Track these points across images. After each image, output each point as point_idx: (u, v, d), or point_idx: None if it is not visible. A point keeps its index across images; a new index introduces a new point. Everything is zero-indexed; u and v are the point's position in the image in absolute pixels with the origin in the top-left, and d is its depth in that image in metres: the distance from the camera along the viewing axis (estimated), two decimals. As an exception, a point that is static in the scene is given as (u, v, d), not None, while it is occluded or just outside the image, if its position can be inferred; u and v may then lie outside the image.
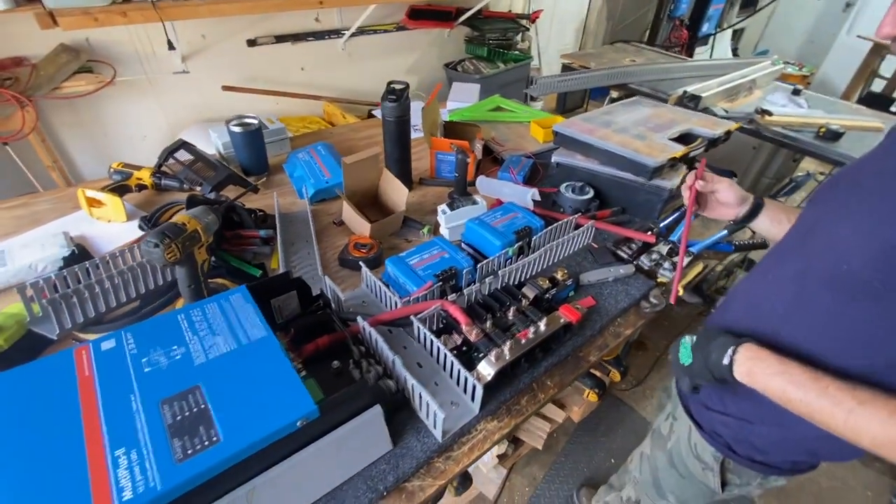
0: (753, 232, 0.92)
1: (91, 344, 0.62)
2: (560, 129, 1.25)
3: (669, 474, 0.92)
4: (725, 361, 0.62)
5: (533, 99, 2.87)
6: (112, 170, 1.20)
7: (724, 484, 0.83)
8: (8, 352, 0.76)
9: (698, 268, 1.04)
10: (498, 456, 1.38)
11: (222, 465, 0.51)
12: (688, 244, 1.07)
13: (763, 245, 1.12)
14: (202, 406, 0.55)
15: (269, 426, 0.54)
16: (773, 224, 0.84)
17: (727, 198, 0.85)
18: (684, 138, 1.20)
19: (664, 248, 1.04)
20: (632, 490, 1.05)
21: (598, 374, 1.10)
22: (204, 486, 0.51)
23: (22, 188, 1.84)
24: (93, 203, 1.11)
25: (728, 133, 1.23)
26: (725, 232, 1.13)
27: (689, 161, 1.16)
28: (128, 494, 0.47)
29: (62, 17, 1.47)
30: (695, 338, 0.70)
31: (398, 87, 1.17)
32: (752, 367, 0.60)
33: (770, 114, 1.80)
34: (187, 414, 0.54)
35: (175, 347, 0.62)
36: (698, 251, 1.06)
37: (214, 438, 0.52)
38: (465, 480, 0.88)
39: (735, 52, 4.38)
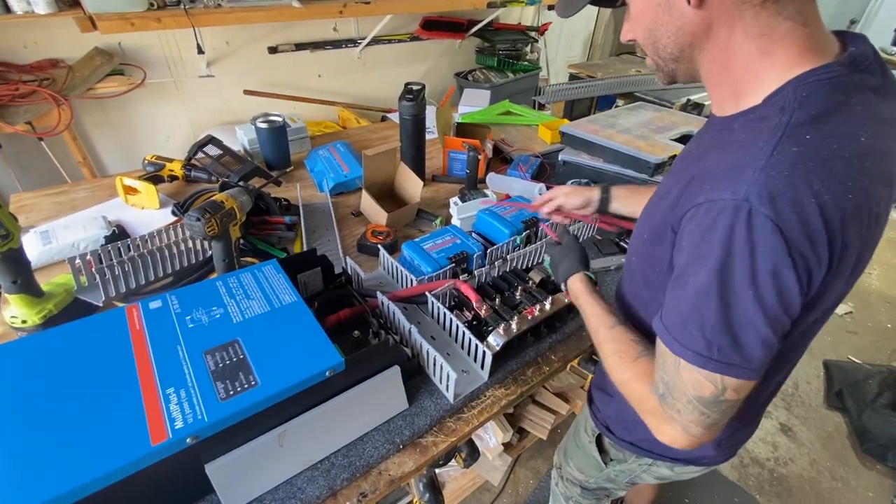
0: None
1: (140, 303, 0.69)
2: (567, 129, 1.31)
3: (571, 443, 1.00)
4: (563, 288, 0.77)
5: (542, 107, 2.95)
6: (146, 161, 1.29)
7: (608, 458, 0.88)
8: (57, 316, 0.83)
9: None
10: (503, 444, 1.42)
11: (260, 405, 0.57)
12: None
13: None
14: (241, 356, 0.62)
15: (302, 374, 0.60)
16: (623, 205, 0.91)
17: (573, 205, 0.92)
18: (684, 139, 1.26)
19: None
20: (556, 457, 1.12)
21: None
22: (243, 424, 0.57)
23: (53, 181, 1.93)
24: (129, 190, 1.19)
25: (727, 135, 1.29)
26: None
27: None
28: (179, 424, 0.53)
29: (101, 21, 1.58)
30: (549, 257, 0.84)
31: (415, 87, 1.25)
32: (570, 293, 0.74)
33: (771, 121, 1.86)
34: (228, 363, 0.61)
35: (215, 308, 0.69)
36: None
37: (253, 382, 0.58)
38: (472, 452, 0.93)
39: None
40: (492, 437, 1.37)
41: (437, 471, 1.43)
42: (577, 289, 0.73)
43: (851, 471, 1.75)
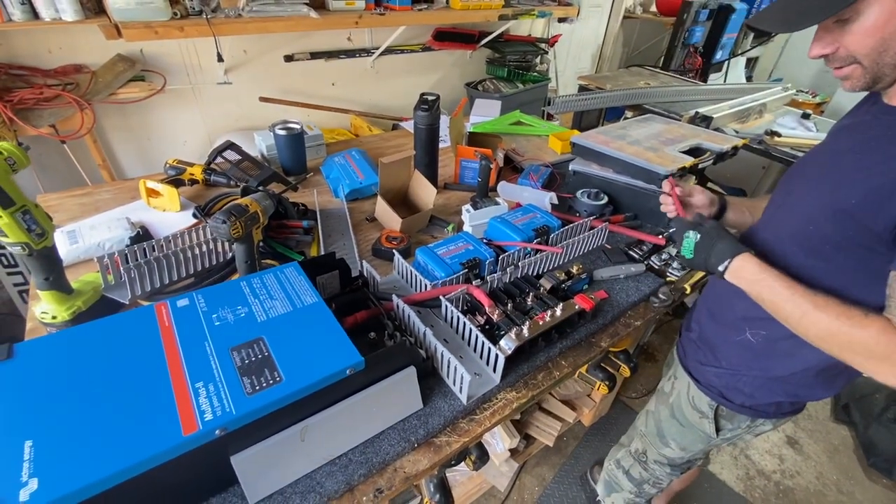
0: None
1: (168, 301, 0.72)
2: (578, 140, 1.34)
3: (671, 424, 1.03)
4: (721, 268, 0.76)
5: (551, 117, 2.99)
6: (168, 165, 1.33)
7: (717, 429, 0.96)
8: (85, 313, 0.86)
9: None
10: (510, 450, 1.44)
11: (284, 400, 0.60)
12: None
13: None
14: (266, 354, 0.64)
15: (324, 371, 0.63)
16: (737, 216, 1.00)
17: (701, 201, 0.99)
18: (694, 151, 1.29)
19: (674, 250, 1.12)
20: (639, 442, 1.15)
21: (608, 368, 1.17)
22: (268, 418, 0.60)
23: (73, 183, 1.99)
24: (151, 193, 1.23)
25: (735, 148, 1.31)
26: (732, 238, 1.21)
27: (697, 172, 1.24)
28: (208, 416, 0.56)
29: (126, 29, 1.63)
30: (699, 235, 0.81)
31: (430, 98, 1.28)
32: (739, 273, 0.75)
33: (779, 135, 1.89)
34: (254, 359, 0.63)
35: (240, 307, 0.72)
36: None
37: (278, 378, 0.61)
38: (482, 455, 0.95)
39: (749, 80, 4.48)
40: (499, 443, 1.38)
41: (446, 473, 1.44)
42: (754, 266, 0.73)
43: (857, 484, 1.74)
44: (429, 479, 0.92)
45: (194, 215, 1.18)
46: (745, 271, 0.74)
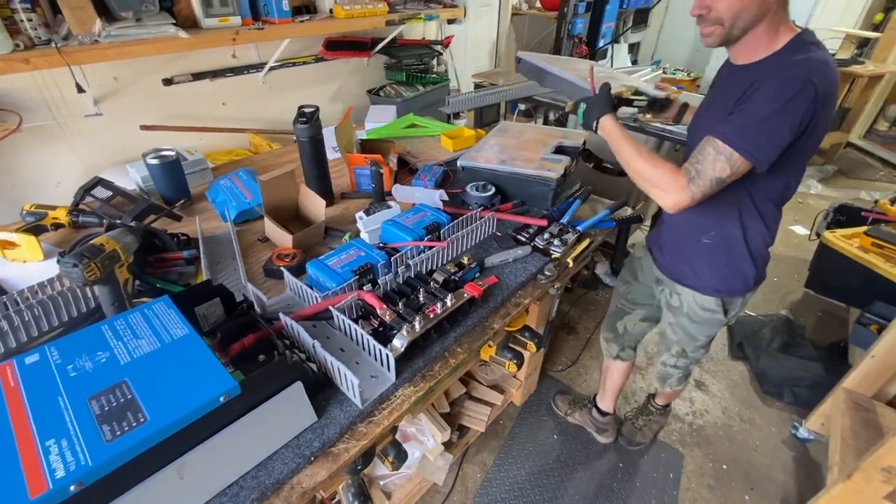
0: (633, 209, 1.23)
1: (14, 360, 0.66)
2: (524, 55, 1.46)
3: (694, 326, 1.24)
4: (594, 124, 1.09)
5: (457, 117, 3.07)
6: (24, 212, 1.20)
7: (726, 313, 1.18)
8: (-76, 390, 0.76)
9: (585, 243, 1.20)
10: (444, 443, 1.46)
11: (150, 440, 0.57)
12: (574, 224, 1.24)
13: (639, 219, 1.32)
14: (129, 396, 0.61)
15: (192, 403, 0.61)
16: (689, 116, 1.30)
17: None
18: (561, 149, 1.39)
19: (555, 229, 1.20)
20: (677, 347, 1.33)
21: (515, 347, 1.22)
22: (136, 462, 0.57)
23: (-78, 246, 1.74)
24: (5, 245, 1.11)
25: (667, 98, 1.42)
26: (608, 211, 1.32)
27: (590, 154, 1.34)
28: (60, 473, 0.52)
29: (-42, 67, 1.46)
30: (585, 105, 1.13)
31: (308, 110, 1.27)
32: (603, 126, 1.07)
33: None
34: (115, 404, 0.60)
35: (100, 353, 0.67)
36: (584, 229, 1.23)
37: (142, 419, 0.58)
38: (399, 453, 0.96)
39: (634, 63, 4.89)
40: (429, 439, 1.41)
41: (382, 482, 1.44)
42: (613, 122, 1.05)
43: (756, 411, 1.97)
44: (346, 487, 0.92)
45: (59, 262, 1.08)
46: (606, 124, 1.06)
